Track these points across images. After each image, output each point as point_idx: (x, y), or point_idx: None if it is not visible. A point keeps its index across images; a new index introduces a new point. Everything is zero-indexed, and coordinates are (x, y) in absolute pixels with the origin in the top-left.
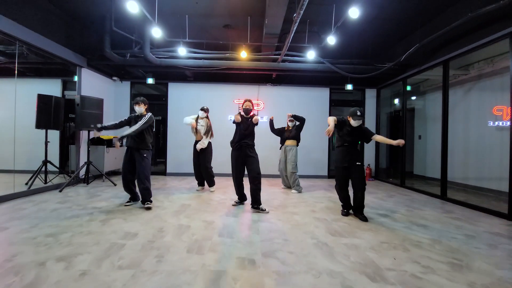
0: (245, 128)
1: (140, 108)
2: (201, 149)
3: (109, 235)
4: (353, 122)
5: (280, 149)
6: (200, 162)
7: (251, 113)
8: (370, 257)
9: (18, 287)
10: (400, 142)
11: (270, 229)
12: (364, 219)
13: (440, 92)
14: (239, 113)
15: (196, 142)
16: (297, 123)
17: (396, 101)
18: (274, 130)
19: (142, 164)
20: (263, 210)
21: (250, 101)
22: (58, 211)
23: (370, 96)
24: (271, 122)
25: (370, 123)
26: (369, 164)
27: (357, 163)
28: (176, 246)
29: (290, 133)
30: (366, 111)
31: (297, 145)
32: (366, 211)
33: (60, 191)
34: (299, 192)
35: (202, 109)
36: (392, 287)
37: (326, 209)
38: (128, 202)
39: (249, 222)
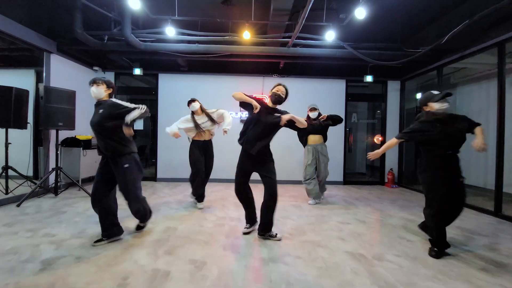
0: (263, 126)
1: (99, 90)
2: (208, 148)
3: None
4: (438, 106)
5: (305, 148)
6: (206, 165)
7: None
8: None
9: None
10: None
11: (288, 279)
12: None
13: (477, 84)
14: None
15: (203, 142)
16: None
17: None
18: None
19: (126, 176)
20: (273, 237)
21: (284, 86)
22: None
23: (393, 89)
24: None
25: (392, 120)
26: (391, 169)
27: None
28: None
29: (315, 125)
30: (388, 106)
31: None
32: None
33: (18, 205)
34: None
35: (192, 101)
36: None
37: (357, 236)
38: (99, 240)
39: (256, 263)
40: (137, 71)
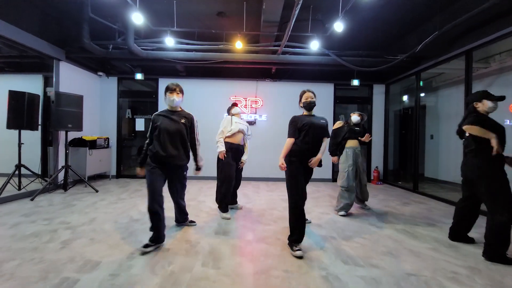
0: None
1: (179, 99)
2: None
3: (64, 265)
4: (492, 107)
5: (344, 152)
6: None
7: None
8: None
9: None
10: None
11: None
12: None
13: (455, 87)
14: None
15: (237, 146)
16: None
17: (406, 97)
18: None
19: (184, 180)
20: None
21: (311, 91)
22: (18, 227)
23: (378, 92)
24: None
25: (378, 122)
26: (377, 167)
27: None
28: (145, 284)
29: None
30: (374, 109)
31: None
32: (386, 225)
33: (32, 199)
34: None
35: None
36: None
37: (333, 223)
38: (148, 245)
39: (242, 244)
40: (139, 76)
